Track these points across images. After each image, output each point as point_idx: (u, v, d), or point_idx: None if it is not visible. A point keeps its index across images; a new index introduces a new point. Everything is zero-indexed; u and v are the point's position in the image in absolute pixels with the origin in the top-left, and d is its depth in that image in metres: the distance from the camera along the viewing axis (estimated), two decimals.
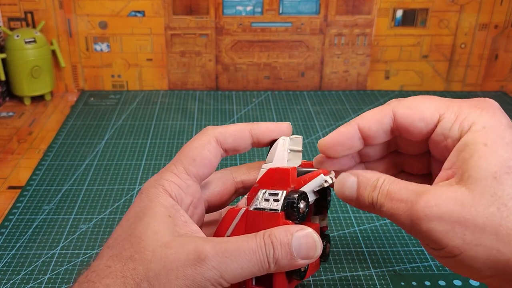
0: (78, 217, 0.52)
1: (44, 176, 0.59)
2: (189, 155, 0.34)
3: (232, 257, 0.29)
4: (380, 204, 0.31)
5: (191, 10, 0.80)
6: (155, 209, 0.31)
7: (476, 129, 0.29)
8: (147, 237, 0.30)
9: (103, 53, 0.82)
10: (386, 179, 0.31)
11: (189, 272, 0.28)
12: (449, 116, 0.31)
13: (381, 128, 0.33)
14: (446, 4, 0.81)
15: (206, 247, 0.29)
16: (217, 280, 0.29)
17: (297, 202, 0.31)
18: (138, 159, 0.63)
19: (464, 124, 0.30)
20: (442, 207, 0.28)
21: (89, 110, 0.77)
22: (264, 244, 0.30)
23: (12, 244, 0.48)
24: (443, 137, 0.31)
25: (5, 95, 0.80)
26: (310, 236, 0.31)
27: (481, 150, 0.28)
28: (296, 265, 0.31)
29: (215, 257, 0.29)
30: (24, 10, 0.78)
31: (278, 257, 0.30)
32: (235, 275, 0.29)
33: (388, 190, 0.31)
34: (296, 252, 0.30)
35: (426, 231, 0.28)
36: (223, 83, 0.86)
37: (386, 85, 0.87)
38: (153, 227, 0.30)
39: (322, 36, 0.83)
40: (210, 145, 0.34)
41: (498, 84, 0.88)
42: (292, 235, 0.30)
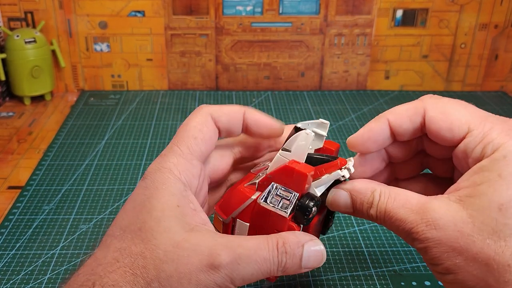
0: (78, 217, 0.52)
1: (44, 176, 0.59)
2: (189, 134, 0.33)
3: (245, 265, 0.29)
4: (380, 220, 0.31)
5: (191, 10, 0.80)
6: (163, 200, 0.30)
7: (496, 157, 0.29)
8: (158, 234, 0.29)
9: (103, 53, 0.82)
10: (381, 195, 0.31)
11: (202, 278, 0.28)
12: (477, 134, 0.30)
13: (412, 126, 0.33)
14: (446, 4, 0.81)
15: (220, 253, 0.29)
16: (227, 285, 0.29)
17: (310, 209, 0.31)
18: (138, 159, 0.63)
19: (487, 148, 0.29)
20: (440, 231, 0.28)
21: (89, 110, 0.77)
22: (278, 254, 0.30)
23: (12, 244, 0.48)
24: (465, 154, 0.30)
25: (5, 95, 0.80)
26: (320, 250, 0.31)
27: (493, 180, 0.28)
28: (299, 272, 0.31)
29: (228, 265, 0.29)
30: (24, 10, 0.78)
31: (287, 266, 0.30)
32: (244, 280, 0.29)
33: (386, 209, 0.31)
34: (304, 263, 0.31)
35: (423, 250, 0.29)
36: (223, 83, 0.86)
37: (386, 85, 0.87)
38: (164, 222, 0.29)
39: (322, 36, 0.83)
40: (208, 121, 0.34)
41: (498, 84, 0.88)
42: (303, 247, 0.30)
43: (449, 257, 0.28)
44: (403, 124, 0.33)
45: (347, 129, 0.72)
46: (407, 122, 0.33)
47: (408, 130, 0.33)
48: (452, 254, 0.28)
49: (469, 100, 0.84)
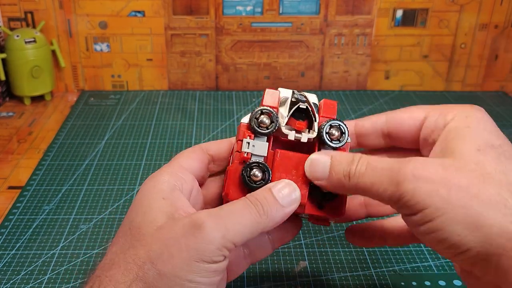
0: (78, 217, 0.52)
1: (44, 176, 0.59)
2: (182, 155, 0.36)
3: (227, 216, 0.29)
4: (359, 174, 0.30)
5: (191, 10, 0.80)
6: (149, 197, 0.32)
7: (459, 118, 0.31)
8: (143, 225, 0.30)
9: (103, 53, 0.82)
10: (363, 155, 0.32)
11: (190, 241, 0.28)
12: (434, 113, 0.33)
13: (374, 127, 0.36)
14: (446, 4, 0.81)
15: (199, 215, 0.29)
16: (220, 241, 0.29)
17: (255, 113, 0.33)
18: (138, 159, 0.63)
19: (447, 117, 0.32)
20: (428, 169, 0.28)
21: (89, 110, 0.77)
22: (251, 202, 0.31)
23: (12, 244, 0.48)
24: (430, 130, 0.33)
25: (5, 95, 0.80)
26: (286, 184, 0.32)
27: (463, 131, 0.30)
28: (286, 213, 0.31)
29: (210, 220, 0.29)
30: (24, 10, 0.78)
31: (267, 209, 0.30)
32: (236, 232, 0.29)
33: (369, 161, 0.31)
34: (281, 201, 0.31)
35: (410, 192, 0.28)
36: (223, 83, 0.86)
37: (386, 85, 0.87)
38: (149, 215, 0.31)
39: (322, 36, 0.83)
40: (196, 148, 0.36)
41: (498, 84, 0.88)
42: (270, 189, 0.31)
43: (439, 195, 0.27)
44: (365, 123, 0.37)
45: None
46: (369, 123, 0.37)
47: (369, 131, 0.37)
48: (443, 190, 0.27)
49: (469, 100, 0.84)
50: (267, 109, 0.33)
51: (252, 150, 0.33)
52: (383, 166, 0.30)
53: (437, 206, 0.27)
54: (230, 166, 0.34)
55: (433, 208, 0.27)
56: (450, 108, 0.33)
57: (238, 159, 0.33)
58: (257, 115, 0.33)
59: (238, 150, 0.33)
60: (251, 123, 0.33)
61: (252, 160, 0.33)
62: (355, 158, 0.31)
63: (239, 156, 0.33)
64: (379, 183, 0.29)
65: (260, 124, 0.33)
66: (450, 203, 0.27)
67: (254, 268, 0.45)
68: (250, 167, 0.32)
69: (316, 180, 0.32)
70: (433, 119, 0.33)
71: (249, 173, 0.32)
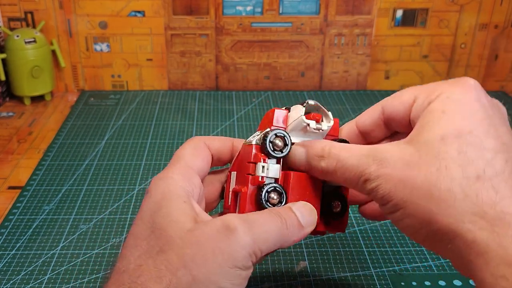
0: (78, 217, 0.52)
1: (44, 176, 0.59)
2: (186, 152, 0.35)
3: (257, 223, 0.30)
4: (331, 171, 0.32)
5: (191, 10, 0.80)
6: (169, 199, 0.31)
7: (440, 99, 0.30)
8: (170, 228, 0.29)
9: (103, 53, 0.82)
10: (332, 148, 0.32)
11: (223, 245, 0.28)
12: (422, 94, 0.32)
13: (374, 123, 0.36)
14: (446, 4, 0.81)
15: (231, 218, 0.29)
16: (252, 247, 0.29)
17: (270, 137, 0.33)
18: (138, 159, 0.63)
19: (432, 96, 0.31)
20: (389, 166, 0.29)
21: (89, 110, 0.77)
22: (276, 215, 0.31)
23: (12, 244, 0.48)
24: (417, 113, 0.32)
25: (5, 95, 0.80)
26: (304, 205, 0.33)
27: (437, 116, 0.29)
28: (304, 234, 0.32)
29: (243, 224, 0.29)
30: (24, 10, 0.78)
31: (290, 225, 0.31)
32: (264, 240, 0.29)
33: (338, 159, 0.31)
34: (302, 221, 0.32)
35: (374, 189, 0.29)
36: (223, 83, 0.86)
37: (386, 85, 0.87)
38: (172, 216, 0.30)
39: (322, 36, 0.83)
40: (200, 144, 0.36)
41: (498, 84, 0.88)
42: (291, 208, 0.32)
43: (397, 190, 0.28)
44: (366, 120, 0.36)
45: None
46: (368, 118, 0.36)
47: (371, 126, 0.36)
48: (400, 187, 0.28)
49: None
50: (281, 132, 0.34)
51: (266, 173, 0.33)
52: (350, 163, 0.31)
53: (397, 200, 0.28)
54: (243, 188, 0.34)
55: (395, 202, 0.29)
56: (437, 86, 0.31)
57: (253, 183, 0.33)
58: (272, 138, 0.33)
59: (251, 173, 0.33)
60: (265, 146, 0.33)
61: (268, 183, 0.33)
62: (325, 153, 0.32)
63: (254, 179, 0.33)
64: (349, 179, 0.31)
65: (275, 147, 0.33)
66: (405, 200, 0.28)
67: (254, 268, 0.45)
68: (267, 191, 0.33)
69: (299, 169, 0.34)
70: (420, 102, 0.32)
71: (267, 197, 0.33)
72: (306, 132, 0.34)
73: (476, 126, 0.28)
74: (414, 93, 0.33)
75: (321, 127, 0.34)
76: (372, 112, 0.36)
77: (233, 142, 0.37)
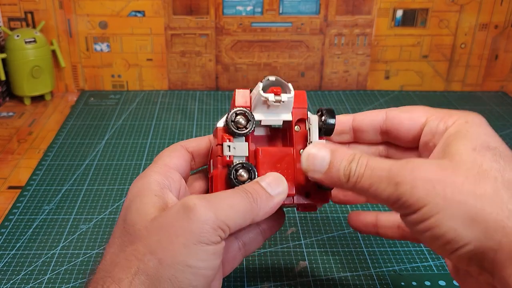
0: (78, 217, 0.52)
1: (44, 176, 0.59)
2: (164, 154, 0.36)
3: (218, 199, 0.30)
4: (358, 175, 0.30)
5: (191, 10, 0.80)
6: (141, 195, 0.32)
7: (459, 123, 0.32)
8: (137, 221, 0.30)
9: (103, 53, 0.82)
10: (363, 154, 0.32)
11: (185, 224, 0.29)
12: (436, 117, 0.33)
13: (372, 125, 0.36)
14: (446, 4, 0.81)
15: (189, 198, 0.30)
16: (214, 221, 0.29)
17: (230, 116, 0.33)
18: (138, 159, 0.63)
19: (448, 121, 0.32)
20: (426, 170, 0.29)
21: (89, 110, 0.78)
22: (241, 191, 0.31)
23: (12, 244, 0.48)
24: (431, 135, 0.33)
25: (5, 95, 0.80)
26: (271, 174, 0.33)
27: (462, 134, 0.31)
28: (275, 202, 0.32)
29: (202, 201, 0.29)
30: (24, 10, 0.78)
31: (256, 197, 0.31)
32: (228, 214, 0.30)
33: (368, 161, 0.31)
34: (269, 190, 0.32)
35: (408, 192, 0.28)
36: (223, 83, 0.86)
37: (386, 85, 0.87)
38: (142, 210, 0.31)
39: (322, 36, 0.83)
40: (177, 146, 0.37)
41: (498, 84, 0.88)
42: (258, 182, 0.32)
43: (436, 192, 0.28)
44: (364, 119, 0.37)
45: None
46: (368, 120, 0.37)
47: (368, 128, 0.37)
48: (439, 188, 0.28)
49: (469, 100, 0.84)
50: (242, 110, 0.34)
51: (234, 152, 0.33)
52: (381, 167, 0.30)
53: (434, 203, 0.28)
54: (214, 171, 0.34)
55: (431, 206, 0.28)
56: (451, 113, 0.33)
57: (221, 163, 0.34)
58: (232, 117, 0.34)
59: (220, 154, 0.34)
60: (228, 126, 0.34)
61: (236, 162, 0.33)
62: (356, 157, 0.31)
63: (222, 160, 0.33)
64: (377, 183, 0.30)
65: (238, 126, 0.34)
66: (446, 200, 0.27)
67: (254, 268, 0.45)
68: (235, 169, 0.33)
69: (313, 174, 0.32)
70: (434, 124, 0.33)
71: (235, 175, 0.33)
72: (269, 107, 0.35)
73: (500, 144, 0.30)
74: (425, 114, 0.34)
75: (280, 99, 0.34)
76: (374, 114, 0.37)
77: (209, 138, 0.38)
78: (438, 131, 0.33)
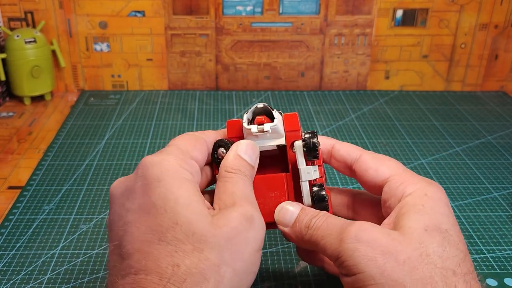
0: (78, 217, 0.52)
1: (44, 176, 0.59)
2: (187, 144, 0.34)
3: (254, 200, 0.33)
4: (316, 227, 0.32)
5: (191, 10, 0.80)
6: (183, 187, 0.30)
7: (417, 194, 0.32)
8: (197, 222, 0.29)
9: (103, 53, 0.82)
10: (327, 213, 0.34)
11: (250, 234, 0.30)
12: (398, 179, 0.34)
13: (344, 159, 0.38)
14: (446, 4, 0.81)
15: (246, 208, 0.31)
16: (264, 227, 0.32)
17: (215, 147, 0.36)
18: (138, 159, 0.63)
19: (407, 188, 0.33)
20: (372, 234, 0.30)
21: (89, 110, 0.77)
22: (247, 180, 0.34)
23: (12, 244, 0.48)
24: (389, 195, 0.34)
25: (5, 95, 0.80)
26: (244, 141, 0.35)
27: (417, 209, 0.31)
28: None
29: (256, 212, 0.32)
30: (24, 10, 0.78)
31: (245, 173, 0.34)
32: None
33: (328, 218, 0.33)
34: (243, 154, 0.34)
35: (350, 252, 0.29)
36: (223, 83, 0.86)
37: (386, 85, 0.87)
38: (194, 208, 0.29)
39: (322, 36, 0.83)
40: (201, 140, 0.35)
41: (498, 84, 0.88)
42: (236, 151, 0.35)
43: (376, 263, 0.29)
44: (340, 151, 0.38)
45: (347, 129, 0.72)
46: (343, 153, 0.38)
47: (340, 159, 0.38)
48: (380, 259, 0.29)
49: (469, 100, 0.84)
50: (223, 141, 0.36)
51: None
52: (336, 222, 0.32)
53: (370, 274, 0.29)
54: None
55: (366, 275, 0.29)
56: (413, 179, 0.34)
57: None
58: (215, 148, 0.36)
59: None
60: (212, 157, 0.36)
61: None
62: (320, 214, 0.33)
63: None
64: (327, 236, 0.31)
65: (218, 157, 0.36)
66: (383, 276, 0.28)
67: None
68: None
69: (282, 225, 0.35)
70: (394, 185, 0.34)
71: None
72: (258, 137, 0.36)
73: (452, 227, 0.31)
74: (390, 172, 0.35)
75: (263, 129, 0.35)
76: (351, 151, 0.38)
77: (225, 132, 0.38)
78: (396, 194, 0.33)
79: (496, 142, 0.69)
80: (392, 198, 0.34)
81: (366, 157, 0.37)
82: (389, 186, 0.34)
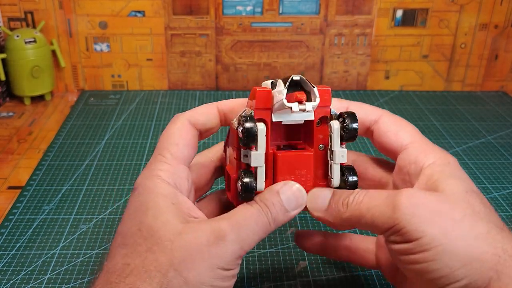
0: (78, 217, 0.52)
1: (44, 176, 0.59)
2: (170, 141, 0.34)
3: (245, 226, 0.30)
4: (357, 201, 0.31)
5: (191, 10, 0.80)
6: (156, 200, 0.31)
7: (442, 162, 0.32)
8: (159, 229, 0.30)
9: (103, 53, 0.82)
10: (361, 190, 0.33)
11: (213, 251, 0.29)
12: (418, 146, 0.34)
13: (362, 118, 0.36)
14: (446, 4, 0.81)
15: (221, 224, 0.30)
16: (238, 252, 0.30)
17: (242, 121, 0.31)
18: (138, 159, 0.63)
19: (429, 156, 0.33)
20: (425, 198, 0.30)
21: (89, 110, 0.78)
22: (262, 210, 0.31)
23: (12, 244, 0.48)
24: (407, 162, 0.34)
25: (5, 95, 0.80)
26: (294, 189, 0.33)
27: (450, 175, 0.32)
28: (290, 217, 0.32)
29: (232, 231, 0.30)
30: (24, 10, 0.78)
31: (275, 216, 0.31)
32: (250, 242, 0.30)
33: (368, 191, 0.32)
34: (288, 206, 0.32)
35: (408, 218, 0.29)
36: (223, 83, 0.86)
37: (386, 85, 0.87)
38: (161, 217, 0.30)
39: (322, 36, 0.83)
40: (185, 126, 0.35)
41: (498, 84, 0.88)
42: (278, 192, 0.32)
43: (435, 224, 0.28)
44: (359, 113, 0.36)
45: None
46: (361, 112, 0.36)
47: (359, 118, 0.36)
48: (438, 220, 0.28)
49: (469, 100, 0.84)
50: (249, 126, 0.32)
51: (248, 161, 0.32)
52: (379, 193, 0.31)
53: (432, 236, 0.28)
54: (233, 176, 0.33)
55: (428, 238, 0.28)
56: (432, 148, 0.34)
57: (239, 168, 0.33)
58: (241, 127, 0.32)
59: (237, 158, 0.33)
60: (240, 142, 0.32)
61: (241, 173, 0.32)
62: (356, 191, 0.32)
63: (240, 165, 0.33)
64: (374, 208, 0.30)
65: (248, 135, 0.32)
66: (446, 235, 0.28)
67: (254, 268, 0.45)
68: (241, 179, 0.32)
69: (315, 212, 0.33)
70: (413, 153, 0.34)
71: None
72: (292, 113, 0.33)
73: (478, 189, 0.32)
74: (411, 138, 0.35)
75: (305, 108, 0.32)
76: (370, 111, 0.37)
77: (217, 107, 0.36)
78: (417, 161, 0.33)
79: (496, 142, 0.69)
80: (412, 165, 0.33)
81: (386, 119, 0.36)
82: (407, 153, 0.34)
